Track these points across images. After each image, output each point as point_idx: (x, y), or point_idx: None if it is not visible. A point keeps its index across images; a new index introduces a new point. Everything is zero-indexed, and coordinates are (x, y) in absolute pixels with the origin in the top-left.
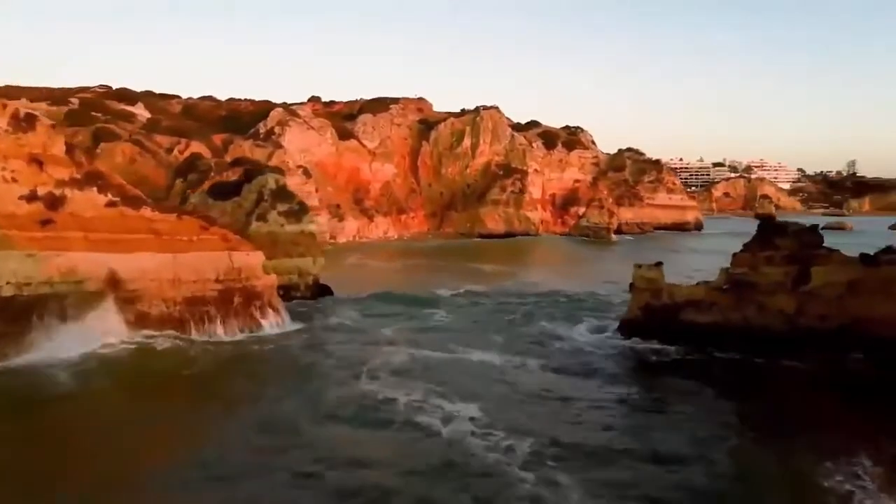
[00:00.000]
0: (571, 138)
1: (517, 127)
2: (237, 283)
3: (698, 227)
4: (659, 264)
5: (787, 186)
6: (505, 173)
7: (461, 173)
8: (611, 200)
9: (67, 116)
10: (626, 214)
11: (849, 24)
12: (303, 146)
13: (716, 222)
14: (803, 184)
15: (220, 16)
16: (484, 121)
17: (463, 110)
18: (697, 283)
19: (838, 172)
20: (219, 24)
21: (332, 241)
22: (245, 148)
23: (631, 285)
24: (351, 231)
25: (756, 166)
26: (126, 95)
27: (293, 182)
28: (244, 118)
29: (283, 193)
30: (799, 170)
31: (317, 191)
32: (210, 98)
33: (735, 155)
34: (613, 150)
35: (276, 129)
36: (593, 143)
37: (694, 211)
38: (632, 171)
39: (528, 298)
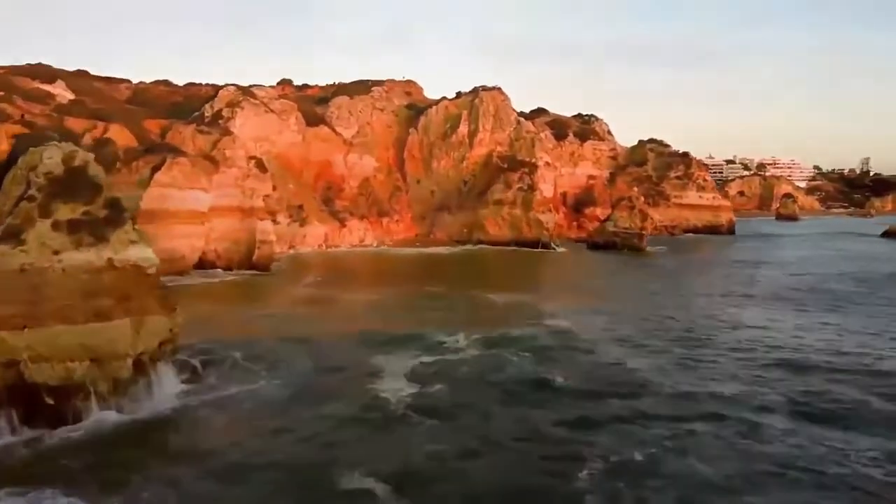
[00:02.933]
0: (584, 128)
1: (521, 116)
2: None
3: (731, 230)
4: None
5: (802, 185)
6: (510, 167)
7: (456, 167)
8: (642, 199)
9: None
10: (653, 216)
11: (858, 18)
12: (259, 133)
13: (738, 224)
14: (819, 182)
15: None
16: (484, 103)
17: (459, 93)
18: None
19: (851, 170)
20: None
21: (291, 250)
22: (186, 135)
23: None
24: (316, 238)
25: (769, 164)
26: (41, 73)
27: (235, 177)
28: (201, 104)
29: (74, 183)
30: (815, 167)
31: (274, 189)
32: (165, 82)
33: (744, 152)
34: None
35: (225, 112)
36: (609, 133)
37: (727, 212)
38: (655, 165)
39: (588, 404)
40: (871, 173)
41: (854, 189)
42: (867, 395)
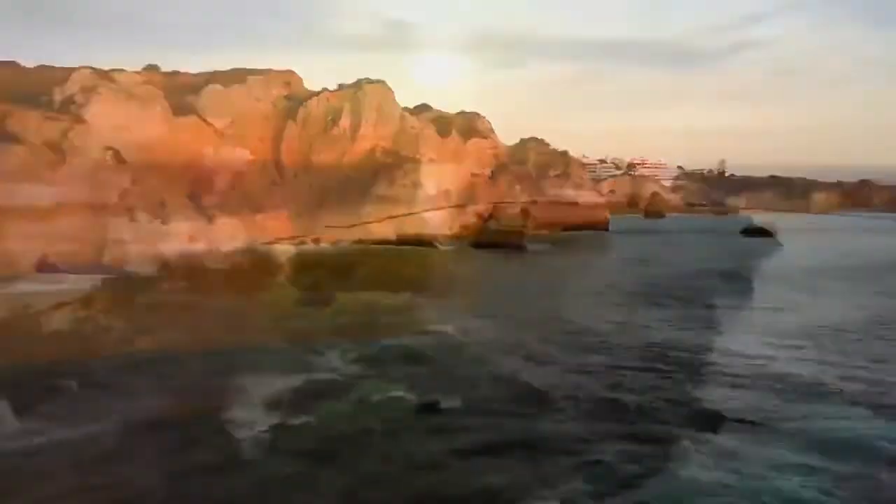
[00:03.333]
0: (468, 125)
1: (405, 111)
2: None
3: (606, 227)
4: None
5: (668, 184)
6: (394, 162)
7: (337, 162)
8: (524, 197)
9: None
10: (534, 214)
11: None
12: (118, 122)
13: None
14: (683, 182)
15: None
16: (367, 96)
17: (341, 85)
18: None
19: (710, 171)
20: None
21: (151, 250)
22: (30, 122)
23: None
24: (181, 237)
25: (638, 164)
26: None
27: (85, 169)
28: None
29: None
30: (679, 167)
31: (134, 183)
32: (12, 64)
33: (616, 152)
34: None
35: (79, 98)
36: (492, 131)
37: (603, 210)
38: (535, 163)
39: (487, 429)
40: (727, 174)
41: (713, 188)
42: (776, 403)
